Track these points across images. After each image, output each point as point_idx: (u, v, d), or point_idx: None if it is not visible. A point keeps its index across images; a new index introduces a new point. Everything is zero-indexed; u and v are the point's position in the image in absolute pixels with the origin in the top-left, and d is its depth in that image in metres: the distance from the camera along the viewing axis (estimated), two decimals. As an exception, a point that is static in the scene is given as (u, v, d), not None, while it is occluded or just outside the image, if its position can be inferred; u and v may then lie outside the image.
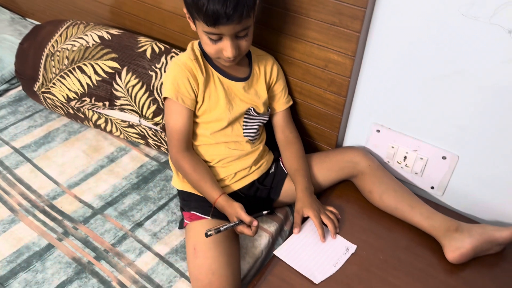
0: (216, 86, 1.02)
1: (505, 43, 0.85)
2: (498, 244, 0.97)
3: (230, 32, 0.89)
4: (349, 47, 0.99)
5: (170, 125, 1.00)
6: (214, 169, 1.04)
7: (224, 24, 0.86)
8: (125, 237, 1.06)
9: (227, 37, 0.90)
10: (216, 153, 1.04)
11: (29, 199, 1.14)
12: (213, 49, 0.93)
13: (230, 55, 0.92)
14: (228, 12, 0.84)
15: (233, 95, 1.03)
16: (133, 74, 1.22)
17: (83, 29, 1.35)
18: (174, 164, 1.03)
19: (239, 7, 0.84)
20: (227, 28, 0.87)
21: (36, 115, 1.42)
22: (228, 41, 0.90)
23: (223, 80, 1.02)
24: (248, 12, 0.87)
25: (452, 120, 0.99)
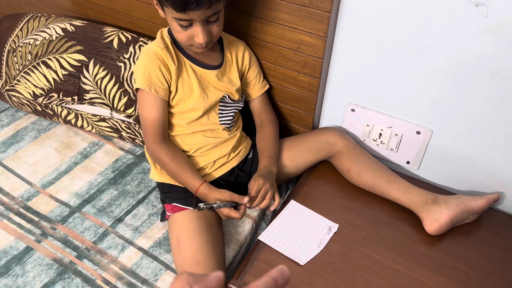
0: (189, 75, 1.00)
1: (473, 16, 0.86)
2: (474, 213, 1.00)
3: (201, 18, 0.87)
4: (321, 28, 0.98)
5: (144, 117, 0.98)
6: (193, 158, 1.03)
7: (194, 9, 0.84)
8: (106, 233, 1.05)
9: (198, 22, 0.88)
10: (193, 142, 1.03)
11: (2, 202, 1.11)
12: (184, 36, 0.91)
13: (202, 41, 0.90)
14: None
15: (207, 84, 1.02)
16: (101, 66, 1.19)
17: (44, 22, 1.30)
18: (151, 155, 1.01)
19: None
20: (197, 13, 0.85)
21: (1, 114, 1.36)
22: (199, 27, 0.88)
23: (195, 69, 1.00)
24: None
25: (425, 95, 1.01)
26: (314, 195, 1.09)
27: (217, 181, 1.05)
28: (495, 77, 0.91)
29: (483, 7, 0.84)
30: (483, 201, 0.99)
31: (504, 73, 0.89)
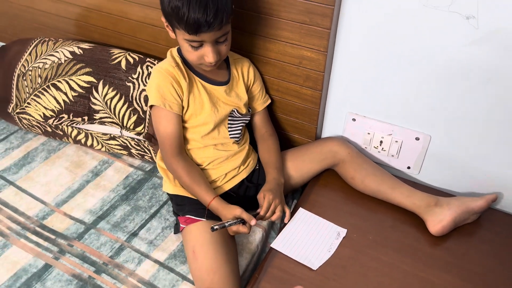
0: (199, 90, 1.05)
1: (464, 28, 0.92)
2: (475, 213, 1.05)
3: (211, 39, 0.92)
4: (321, 44, 1.04)
5: (160, 132, 1.03)
6: (205, 171, 1.07)
7: (205, 31, 0.89)
8: (122, 248, 1.08)
9: (208, 43, 0.93)
10: (205, 155, 1.07)
11: (18, 221, 1.13)
12: (195, 56, 0.96)
13: (212, 60, 0.95)
14: (208, 20, 0.87)
15: (216, 99, 1.07)
16: (110, 86, 1.23)
17: (52, 46, 1.34)
18: (169, 168, 1.05)
19: (219, 14, 0.88)
20: (208, 35, 0.91)
21: (11, 136, 1.39)
22: (210, 47, 0.93)
23: (205, 85, 1.05)
24: (227, 18, 0.91)
25: (422, 103, 1.07)
26: (321, 203, 1.13)
27: (228, 194, 1.09)
28: (487, 84, 0.97)
29: (474, 19, 0.91)
30: (482, 202, 1.04)
31: (496, 80, 0.95)
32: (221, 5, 0.88)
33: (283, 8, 1.03)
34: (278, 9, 1.04)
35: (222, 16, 0.89)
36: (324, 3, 0.98)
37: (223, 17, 0.89)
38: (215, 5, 0.87)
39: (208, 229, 1.00)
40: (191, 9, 0.86)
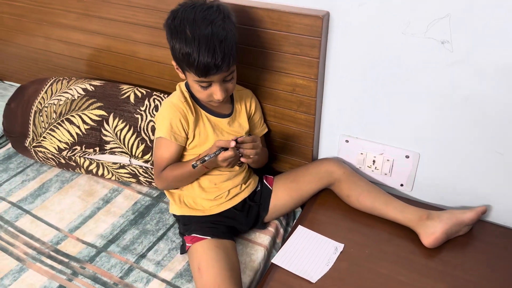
0: (204, 123, 1.14)
1: (441, 52, 1.01)
2: (466, 225, 1.10)
3: (219, 79, 1.01)
4: (312, 72, 1.13)
5: (157, 155, 1.13)
6: (210, 190, 1.15)
7: (214, 74, 0.98)
8: (131, 269, 1.14)
9: (216, 83, 1.02)
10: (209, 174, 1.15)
11: (34, 247, 1.20)
12: (204, 94, 1.05)
13: (220, 98, 1.04)
14: (217, 63, 0.96)
15: (220, 129, 1.16)
16: (120, 118, 1.33)
17: (66, 84, 1.46)
18: (160, 184, 1.15)
19: (226, 58, 0.97)
20: (216, 76, 1.00)
21: (27, 169, 1.48)
22: (218, 86, 1.02)
23: (210, 118, 1.14)
24: (233, 60, 1.00)
25: (409, 123, 1.14)
26: (319, 220, 1.19)
27: (232, 210, 1.16)
28: (466, 102, 1.05)
29: (448, 44, 1.00)
30: (472, 213, 1.09)
31: (474, 99, 1.03)
32: (228, 50, 0.97)
33: (277, 42, 1.14)
34: (272, 43, 1.15)
35: (228, 59, 0.97)
36: (312, 35, 1.08)
37: (230, 60, 0.98)
38: (222, 51, 0.96)
39: (213, 246, 1.07)
40: (201, 55, 0.95)
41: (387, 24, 1.03)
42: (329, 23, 1.09)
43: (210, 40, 0.95)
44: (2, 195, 1.38)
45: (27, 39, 1.67)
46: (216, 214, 1.15)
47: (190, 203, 1.17)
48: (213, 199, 1.15)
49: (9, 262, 1.16)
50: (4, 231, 1.25)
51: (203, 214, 1.15)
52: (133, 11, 1.31)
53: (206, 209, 1.16)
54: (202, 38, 0.95)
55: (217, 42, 0.96)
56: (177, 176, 1.12)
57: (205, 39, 0.95)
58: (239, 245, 1.18)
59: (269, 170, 1.37)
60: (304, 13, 1.06)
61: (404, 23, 1.01)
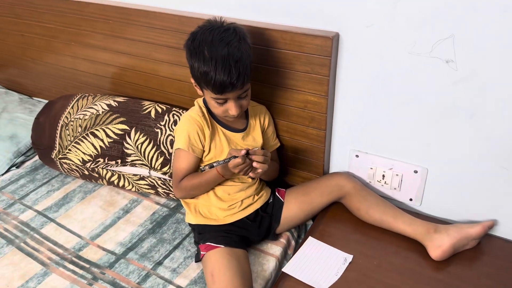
0: (220, 138, 1.20)
1: (445, 71, 1.06)
2: (473, 239, 1.13)
3: (234, 96, 1.08)
4: (322, 89, 1.19)
5: (176, 166, 1.19)
6: (224, 199, 1.21)
7: (229, 92, 1.05)
8: (148, 275, 1.19)
9: (232, 100, 1.09)
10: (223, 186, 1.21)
11: (58, 253, 1.27)
12: (220, 110, 1.12)
13: (235, 113, 1.10)
14: (232, 82, 1.03)
15: (235, 144, 1.22)
16: (141, 133, 1.40)
17: (92, 100, 1.55)
18: (178, 193, 1.21)
19: (241, 77, 1.03)
20: (231, 94, 1.07)
21: (52, 180, 1.57)
22: (233, 103, 1.09)
23: (225, 133, 1.21)
24: (248, 78, 1.07)
25: (417, 138, 1.18)
26: (329, 232, 1.23)
27: (244, 220, 1.21)
28: (472, 119, 1.08)
29: (453, 63, 1.05)
30: (479, 227, 1.12)
31: (479, 116, 1.07)
32: (242, 69, 1.03)
33: (289, 61, 1.20)
34: (284, 62, 1.21)
35: (243, 78, 1.04)
36: (322, 55, 1.14)
37: (244, 79, 1.05)
38: (237, 70, 1.02)
39: (226, 254, 1.12)
40: (217, 74, 1.02)
41: (393, 44, 1.08)
42: (339, 43, 1.15)
43: (226, 60, 1.02)
44: (29, 204, 1.46)
45: (56, 58, 1.78)
46: (230, 223, 1.20)
47: (205, 212, 1.22)
48: (227, 208, 1.20)
49: (34, 266, 1.23)
50: (30, 238, 1.33)
51: (217, 224, 1.20)
52: (156, 33, 1.40)
53: (220, 218, 1.21)
54: (219, 58, 1.02)
55: (232, 62, 1.02)
56: (194, 184, 1.18)
57: (222, 59, 1.02)
58: (251, 255, 1.22)
59: (281, 183, 1.42)
60: (315, 34, 1.13)
61: (410, 43, 1.06)
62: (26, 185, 1.55)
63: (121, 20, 1.46)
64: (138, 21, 1.42)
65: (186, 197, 1.24)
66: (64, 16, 1.61)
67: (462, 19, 0.98)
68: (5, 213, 1.43)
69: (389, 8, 1.05)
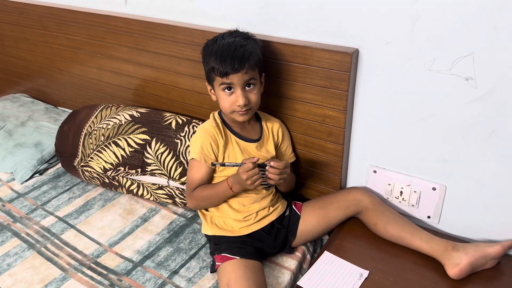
0: (234, 147, 1.22)
1: (464, 88, 1.06)
2: (492, 259, 1.11)
3: (240, 82, 1.12)
4: (341, 104, 1.21)
5: (189, 176, 1.23)
6: (239, 211, 1.22)
7: (233, 73, 1.10)
8: (164, 284, 1.20)
9: (238, 87, 1.13)
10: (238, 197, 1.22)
11: (77, 258, 1.30)
12: (228, 102, 1.15)
13: (241, 103, 1.13)
14: (236, 62, 1.10)
15: (248, 154, 1.24)
16: (161, 143, 1.43)
17: (115, 111, 1.59)
18: (190, 202, 1.24)
19: (245, 59, 1.11)
20: (236, 76, 1.11)
21: (74, 188, 1.61)
22: (239, 91, 1.13)
23: (239, 142, 1.23)
24: (253, 66, 1.13)
25: (435, 155, 1.18)
26: (345, 247, 1.23)
27: (260, 232, 1.22)
28: (491, 136, 1.08)
29: (472, 80, 1.05)
30: (498, 247, 1.10)
31: (499, 132, 1.07)
32: (247, 54, 1.11)
33: (308, 75, 1.22)
34: (303, 76, 1.23)
35: (248, 61, 1.11)
36: (342, 70, 1.16)
37: (249, 63, 1.11)
38: (241, 53, 1.11)
39: (242, 265, 1.12)
40: (222, 55, 1.11)
41: (413, 61, 1.09)
42: (358, 59, 1.16)
43: (232, 45, 1.12)
44: (50, 210, 1.50)
45: (81, 69, 1.84)
46: (245, 235, 1.21)
47: (220, 224, 1.24)
48: (242, 220, 1.22)
49: (53, 271, 1.26)
50: (51, 243, 1.36)
51: (233, 235, 1.21)
52: (179, 46, 1.44)
53: (236, 230, 1.22)
54: (225, 45, 1.12)
55: (238, 46, 1.12)
56: (205, 195, 1.20)
57: (228, 44, 1.12)
58: (266, 268, 1.23)
59: (298, 196, 1.42)
60: (335, 50, 1.15)
61: (429, 60, 1.07)
62: (48, 191, 1.59)
63: (146, 34, 1.51)
64: (162, 35, 1.47)
65: (198, 207, 1.26)
66: (90, 29, 1.67)
67: (482, 36, 0.99)
68: (27, 218, 1.47)
69: (408, 25, 1.06)
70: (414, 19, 1.05)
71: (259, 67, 1.16)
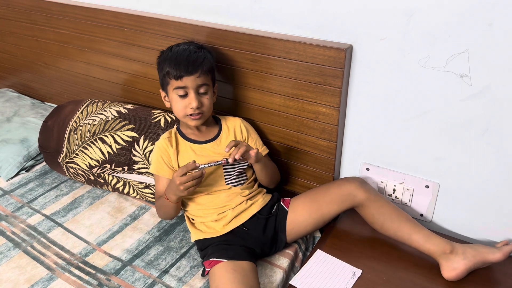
0: (188, 152, 1.26)
1: (459, 85, 1.05)
2: (491, 263, 1.09)
3: (193, 85, 1.16)
4: (334, 101, 1.19)
5: (155, 190, 1.29)
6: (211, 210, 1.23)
7: (187, 76, 1.14)
8: (154, 283, 1.18)
9: (191, 90, 1.16)
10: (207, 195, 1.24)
11: (64, 258, 1.27)
12: (182, 105, 1.18)
13: (194, 105, 1.16)
14: (190, 65, 1.15)
15: (205, 154, 1.25)
16: (149, 141, 1.40)
17: (101, 106, 1.55)
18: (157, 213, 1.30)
19: (198, 63, 1.16)
20: (190, 79, 1.15)
21: (61, 185, 1.57)
22: (193, 94, 1.16)
23: (193, 146, 1.26)
24: (207, 71, 1.18)
25: (429, 153, 1.17)
26: (338, 246, 1.21)
27: (241, 230, 1.21)
28: (485, 134, 1.07)
29: (467, 77, 1.04)
30: (500, 254, 1.06)
31: (493, 130, 1.06)
32: (201, 59, 1.17)
33: (301, 72, 1.20)
34: (296, 73, 1.21)
35: (201, 66, 1.16)
36: (335, 66, 1.14)
37: (200, 68, 1.16)
38: (195, 57, 1.16)
39: (230, 269, 1.09)
40: (177, 63, 1.15)
41: (407, 58, 1.08)
42: (352, 55, 1.15)
43: (186, 50, 1.18)
44: (37, 207, 1.46)
45: (69, 64, 1.79)
46: (228, 234, 1.19)
47: (203, 228, 1.23)
48: (218, 218, 1.22)
49: (40, 270, 1.23)
50: (37, 242, 1.32)
51: (215, 235, 1.20)
52: (169, 41, 1.40)
53: (218, 230, 1.21)
54: (180, 51, 1.19)
55: (192, 52, 1.18)
56: (157, 206, 1.27)
57: (182, 50, 1.18)
58: (258, 266, 1.20)
59: (288, 193, 1.40)
60: (328, 45, 1.13)
61: (424, 57, 1.06)
62: (34, 189, 1.55)
63: (135, 28, 1.47)
64: (152, 29, 1.43)
65: (164, 217, 1.30)
66: (78, 23, 1.63)
67: (477, 33, 0.98)
68: (13, 216, 1.43)
69: (403, 21, 1.05)
70: (409, 15, 1.03)
71: (212, 74, 1.22)
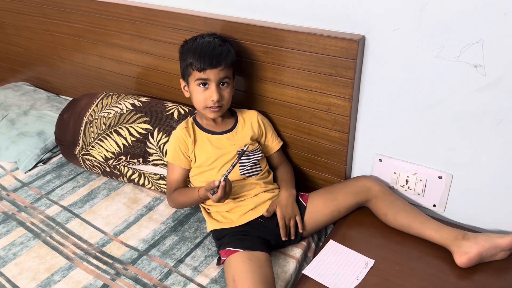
0: (204, 143, 1.28)
1: (473, 75, 1.04)
2: (502, 250, 1.09)
3: (215, 78, 1.18)
4: (346, 92, 1.19)
5: (167, 178, 1.32)
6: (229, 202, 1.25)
7: (211, 69, 1.16)
8: (170, 272, 1.21)
9: (213, 83, 1.18)
10: None
11: (82, 248, 1.30)
12: (202, 96, 1.20)
13: (215, 98, 1.19)
14: (214, 58, 1.16)
15: (222, 145, 1.27)
16: (163, 133, 1.42)
17: (116, 99, 1.58)
18: (170, 203, 1.32)
19: (223, 57, 1.18)
20: (213, 72, 1.17)
21: (78, 177, 1.60)
22: (214, 87, 1.19)
23: (209, 137, 1.29)
24: (229, 65, 1.20)
25: (442, 144, 1.17)
26: (350, 236, 1.22)
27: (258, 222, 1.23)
28: (499, 125, 1.06)
29: (481, 67, 1.03)
30: (509, 238, 1.08)
31: (507, 121, 1.05)
32: (225, 53, 1.19)
33: (313, 63, 1.20)
34: (308, 64, 1.21)
35: (225, 60, 1.18)
36: (348, 57, 1.14)
37: (226, 62, 1.18)
38: (220, 51, 1.18)
39: (246, 259, 1.11)
40: (201, 55, 1.17)
41: (420, 48, 1.07)
42: (365, 46, 1.14)
43: (211, 43, 1.20)
44: (54, 199, 1.50)
45: (83, 57, 1.82)
46: (245, 224, 1.21)
47: (219, 218, 1.25)
48: (235, 207, 1.24)
49: (59, 260, 1.26)
50: (56, 232, 1.36)
51: (232, 226, 1.22)
52: (181, 34, 1.41)
53: (234, 220, 1.23)
54: (205, 43, 1.20)
55: (216, 45, 1.19)
56: (181, 201, 1.29)
57: (207, 43, 1.20)
58: (272, 257, 1.22)
59: (302, 186, 1.41)
60: (341, 36, 1.12)
61: (437, 47, 1.05)
62: (52, 180, 1.59)
63: (147, 21, 1.49)
64: (164, 22, 1.44)
65: (176, 207, 1.36)
66: (91, 16, 1.65)
67: (492, 23, 0.97)
68: (32, 208, 1.47)
69: (416, 11, 1.04)
70: (422, 5, 1.03)
71: (233, 68, 1.24)
